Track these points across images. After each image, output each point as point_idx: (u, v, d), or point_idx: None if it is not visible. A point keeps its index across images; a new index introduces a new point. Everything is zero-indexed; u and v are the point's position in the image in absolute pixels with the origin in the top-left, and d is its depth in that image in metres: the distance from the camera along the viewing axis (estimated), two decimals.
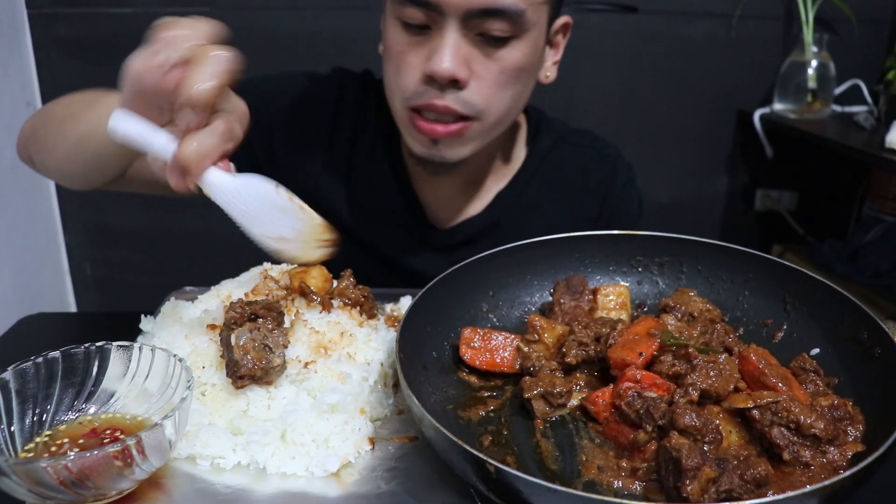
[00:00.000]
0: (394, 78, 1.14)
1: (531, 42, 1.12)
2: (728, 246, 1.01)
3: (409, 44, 1.10)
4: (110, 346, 0.81)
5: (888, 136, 2.01)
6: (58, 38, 2.20)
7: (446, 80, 1.07)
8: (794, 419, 0.73)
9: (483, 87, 1.10)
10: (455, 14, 1.04)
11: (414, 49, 1.09)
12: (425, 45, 1.08)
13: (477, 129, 1.14)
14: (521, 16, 1.06)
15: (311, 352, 0.88)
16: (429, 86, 1.09)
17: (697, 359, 0.82)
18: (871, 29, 2.53)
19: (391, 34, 1.12)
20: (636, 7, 2.42)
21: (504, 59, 1.09)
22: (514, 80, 1.13)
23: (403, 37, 1.10)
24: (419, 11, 1.05)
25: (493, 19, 1.05)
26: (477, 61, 1.08)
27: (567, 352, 0.89)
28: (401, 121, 1.18)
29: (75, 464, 0.64)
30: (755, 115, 2.51)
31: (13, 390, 0.74)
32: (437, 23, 1.06)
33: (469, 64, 1.08)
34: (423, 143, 1.16)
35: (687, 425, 0.74)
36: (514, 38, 1.09)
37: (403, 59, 1.10)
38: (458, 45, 1.06)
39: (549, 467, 0.78)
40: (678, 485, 0.69)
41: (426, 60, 1.08)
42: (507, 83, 1.12)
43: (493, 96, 1.12)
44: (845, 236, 2.60)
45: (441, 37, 1.06)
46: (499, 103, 1.13)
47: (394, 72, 1.13)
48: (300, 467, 0.77)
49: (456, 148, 1.16)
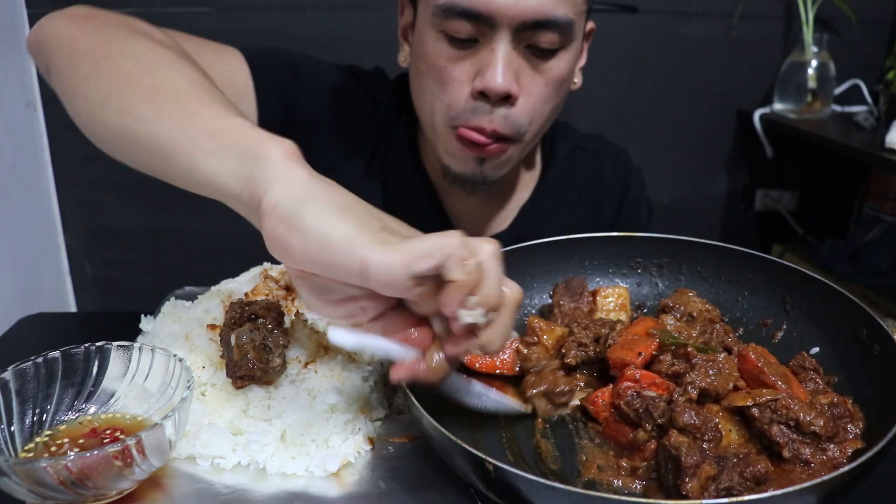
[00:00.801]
0: (436, 94, 1.08)
1: (574, 52, 1.10)
2: (727, 246, 1.01)
3: (454, 58, 1.04)
4: (110, 346, 0.81)
5: (888, 136, 2.01)
6: None
7: (500, 97, 1.03)
8: (794, 417, 0.73)
9: (529, 103, 1.07)
10: (507, 26, 0.99)
11: (459, 63, 1.04)
12: (472, 59, 1.03)
13: (515, 151, 1.12)
14: (570, 26, 1.03)
15: (311, 352, 0.88)
16: (478, 102, 1.04)
17: (696, 358, 0.82)
18: (871, 29, 2.53)
19: (432, 47, 1.05)
20: (636, 7, 2.42)
21: (550, 71, 1.06)
22: (556, 93, 1.10)
23: (448, 50, 1.04)
24: (468, 24, 1.00)
25: (544, 31, 1.01)
26: (525, 75, 1.05)
27: (567, 352, 0.89)
28: (440, 138, 1.13)
29: (75, 464, 0.64)
30: (755, 115, 2.51)
31: (13, 390, 0.74)
32: (485, 35, 1.01)
33: (518, 78, 1.04)
34: (468, 162, 1.11)
35: (686, 424, 0.74)
36: (561, 49, 1.05)
37: (448, 74, 1.05)
38: (510, 58, 1.02)
39: (548, 467, 0.78)
40: (678, 483, 0.69)
41: (475, 76, 1.03)
42: (551, 96, 1.09)
43: (537, 112, 1.09)
44: (845, 236, 2.60)
45: (492, 50, 1.01)
46: (540, 119, 1.11)
47: (435, 87, 1.08)
48: (300, 467, 0.77)
49: (500, 167, 1.13)
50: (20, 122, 2.08)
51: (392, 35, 1.22)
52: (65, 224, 2.44)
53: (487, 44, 1.02)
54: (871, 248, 2.38)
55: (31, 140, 2.19)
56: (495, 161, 1.11)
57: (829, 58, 2.41)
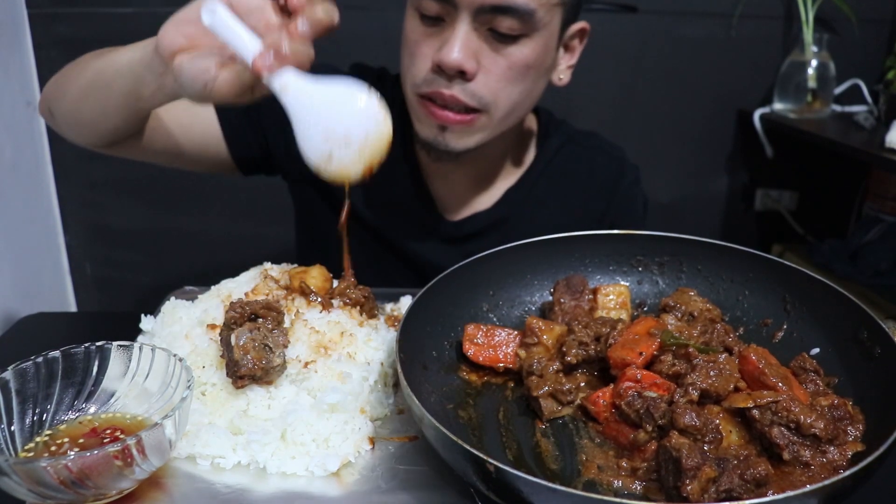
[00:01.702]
0: (407, 66, 1.19)
1: (541, 42, 1.15)
2: (728, 245, 1.01)
3: (423, 34, 1.14)
4: (110, 345, 0.81)
5: (888, 136, 2.00)
6: (58, 37, 2.20)
7: (453, 71, 1.10)
8: (794, 419, 0.73)
9: (491, 81, 1.13)
10: (467, 8, 1.08)
11: (427, 39, 1.14)
12: (438, 37, 1.13)
13: (484, 121, 1.18)
14: (531, 15, 1.09)
15: (311, 352, 0.88)
16: (437, 75, 1.13)
17: (697, 358, 0.82)
18: (871, 28, 2.52)
19: (408, 24, 1.17)
20: (636, 7, 2.42)
21: (512, 55, 1.13)
22: (522, 77, 1.16)
23: (419, 27, 1.14)
24: (435, 4, 1.10)
25: (503, 16, 1.08)
26: (486, 55, 1.12)
27: (567, 351, 0.89)
28: (411, 106, 1.22)
29: (75, 463, 0.64)
30: (755, 114, 2.51)
31: (13, 390, 0.74)
32: (450, 15, 1.10)
33: (478, 57, 1.11)
34: (431, 128, 1.19)
35: (687, 425, 0.74)
36: (523, 36, 1.12)
37: (417, 47, 1.15)
38: (468, 38, 1.10)
39: (549, 467, 0.78)
40: (678, 484, 0.69)
41: (437, 51, 1.12)
42: (516, 79, 1.15)
43: (500, 91, 1.15)
44: (845, 236, 2.60)
45: (453, 29, 1.10)
46: (507, 98, 1.17)
47: (408, 60, 1.18)
48: (300, 467, 0.77)
49: (463, 138, 1.19)
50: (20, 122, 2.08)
51: (392, 35, 1.23)
52: (65, 224, 2.44)
53: (451, 23, 1.11)
54: (871, 247, 2.38)
55: (32, 140, 2.18)
56: (459, 130, 1.18)
57: (829, 57, 2.41)
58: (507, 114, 1.20)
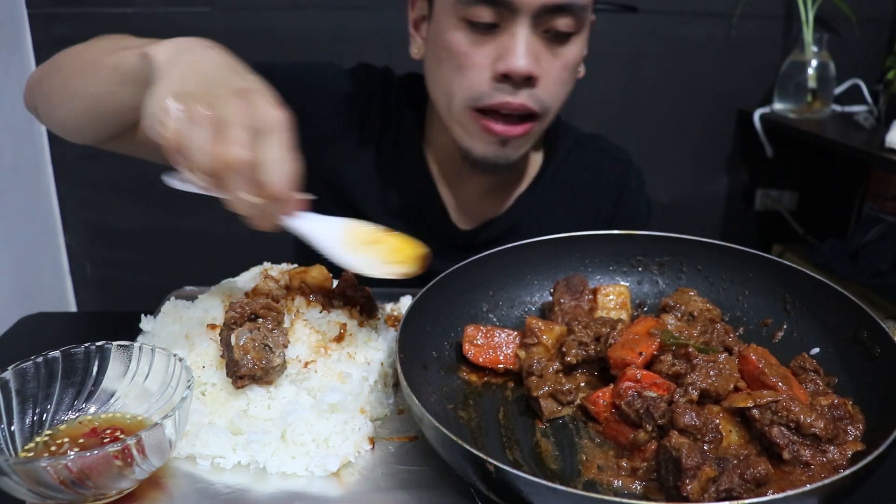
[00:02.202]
0: (456, 79, 1.13)
1: (584, 38, 1.15)
2: (728, 245, 1.01)
3: (474, 43, 1.09)
4: (110, 345, 0.81)
5: (888, 136, 2.01)
6: (58, 37, 2.20)
7: (522, 78, 1.08)
8: (794, 418, 0.73)
9: (550, 85, 1.12)
10: (527, 11, 1.05)
11: (480, 49, 1.09)
12: (492, 44, 1.08)
13: (539, 128, 1.17)
14: (585, 11, 1.09)
15: (311, 351, 0.88)
16: (500, 84, 1.09)
17: (697, 358, 0.82)
18: (871, 28, 2.53)
19: (452, 35, 1.10)
20: (636, 7, 2.42)
21: (566, 55, 1.12)
22: (571, 77, 1.16)
23: (468, 36, 1.09)
24: (489, 10, 1.06)
25: (562, 15, 1.07)
26: (544, 59, 1.10)
27: (567, 351, 0.89)
28: (462, 123, 1.17)
29: (75, 463, 0.64)
30: (755, 114, 2.51)
31: (13, 390, 0.74)
32: (506, 21, 1.06)
33: (539, 62, 1.09)
34: (490, 144, 1.15)
35: (687, 425, 0.74)
36: (574, 34, 1.11)
37: (468, 59, 1.10)
38: (531, 42, 1.07)
39: (549, 467, 0.78)
40: (678, 484, 0.69)
41: (496, 60, 1.08)
42: (567, 80, 1.16)
43: (557, 93, 1.15)
44: (845, 236, 2.60)
45: (513, 35, 1.06)
46: (559, 101, 1.17)
47: (455, 73, 1.12)
48: (300, 467, 0.77)
49: (521, 148, 1.18)
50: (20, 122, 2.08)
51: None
52: (65, 224, 2.44)
53: (508, 29, 1.07)
54: (871, 247, 2.38)
55: (32, 140, 2.19)
56: (519, 141, 1.16)
57: (829, 57, 2.41)
58: (553, 117, 1.19)
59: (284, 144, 0.77)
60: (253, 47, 2.36)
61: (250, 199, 0.76)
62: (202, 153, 0.74)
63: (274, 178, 0.76)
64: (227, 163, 0.74)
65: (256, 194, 0.76)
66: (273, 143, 0.76)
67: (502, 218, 1.36)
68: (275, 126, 0.77)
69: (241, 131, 0.75)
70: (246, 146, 0.74)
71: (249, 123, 0.76)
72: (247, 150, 0.74)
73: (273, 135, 0.77)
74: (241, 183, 0.75)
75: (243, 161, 0.74)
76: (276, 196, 0.76)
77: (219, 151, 0.74)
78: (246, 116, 0.76)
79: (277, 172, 0.76)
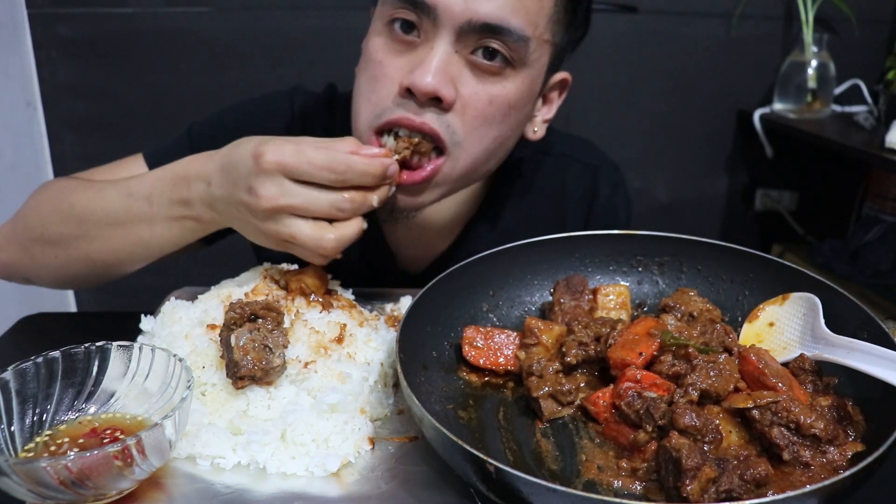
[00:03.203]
0: (364, 91, 1.01)
1: (527, 81, 1.02)
2: (728, 246, 1.01)
3: (392, 52, 0.98)
4: (110, 345, 0.81)
5: (888, 136, 2.01)
6: (58, 37, 2.20)
7: (427, 97, 0.95)
8: (794, 419, 0.73)
9: (468, 116, 0.98)
10: (450, 24, 0.94)
11: (397, 58, 0.98)
12: (409, 57, 0.97)
13: (447, 172, 1.01)
14: (524, 43, 0.97)
15: (311, 352, 0.88)
16: (405, 99, 0.97)
17: (697, 359, 0.82)
18: (871, 29, 2.53)
19: (373, 43, 1.01)
20: (636, 7, 2.43)
21: (497, 90, 0.99)
22: (501, 119, 1.01)
23: (388, 44, 0.99)
24: (412, 13, 0.95)
25: (491, 37, 0.95)
26: (466, 84, 0.97)
27: (567, 351, 0.89)
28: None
29: (75, 463, 0.64)
30: (755, 115, 2.52)
31: (13, 390, 0.74)
32: (428, 32, 0.96)
33: (456, 85, 0.96)
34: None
35: (687, 425, 0.74)
36: (510, 69, 0.99)
37: (382, 69, 0.98)
38: (449, 60, 0.95)
39: (549, 467, 0.78)
40: (678, 485, 0.69)
41: (407, 73, 0.96)
42: (494, 119, 1.00)
43: (475, 130, 1.00)
44: (845, 236, 2.61)
45: (430, 48, 0.95)
46: (478, 141, 1.01)
47: (367, 86, 1.01)
48: (300, 467, 0.77)
49: (416, 196, 1.02)
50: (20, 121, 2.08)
51: None
52: None
53: (427, 41, 0.96)
54: (870, 247, 2.38)
55: (31, 139, 2.19)
56: (423, 187, 1.01)
57: (829, 58, 2.41)
58: (473, 163, 1.03)
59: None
60: (252, 47, 2.36)
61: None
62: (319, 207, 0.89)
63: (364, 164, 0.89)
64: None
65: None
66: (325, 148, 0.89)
67: (450, 250, 1.24)
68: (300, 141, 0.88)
69: (301, 165, 0.87)
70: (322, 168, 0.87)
71: (282, 159, 0.86)
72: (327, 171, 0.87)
73: (308, 144, 0.88)
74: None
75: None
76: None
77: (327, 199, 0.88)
78: (278, 159, 0.87)
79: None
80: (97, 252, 1.03)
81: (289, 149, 0.87)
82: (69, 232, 1.04)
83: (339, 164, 0.87)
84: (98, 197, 1.02)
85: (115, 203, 1.00)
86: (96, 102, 2.26)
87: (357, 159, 0.88)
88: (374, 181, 0.90)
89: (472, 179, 1.09)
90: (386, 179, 0.92)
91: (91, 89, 2.24)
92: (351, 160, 0.88)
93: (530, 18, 0.97)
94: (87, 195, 1.04)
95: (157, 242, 1.01)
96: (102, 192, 1.02)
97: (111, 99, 2.26)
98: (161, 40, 2.19)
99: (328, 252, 0.90)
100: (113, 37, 2.20)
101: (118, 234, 1.01)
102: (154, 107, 2.30)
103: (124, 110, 2.29)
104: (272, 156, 0.86)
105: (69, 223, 1.04)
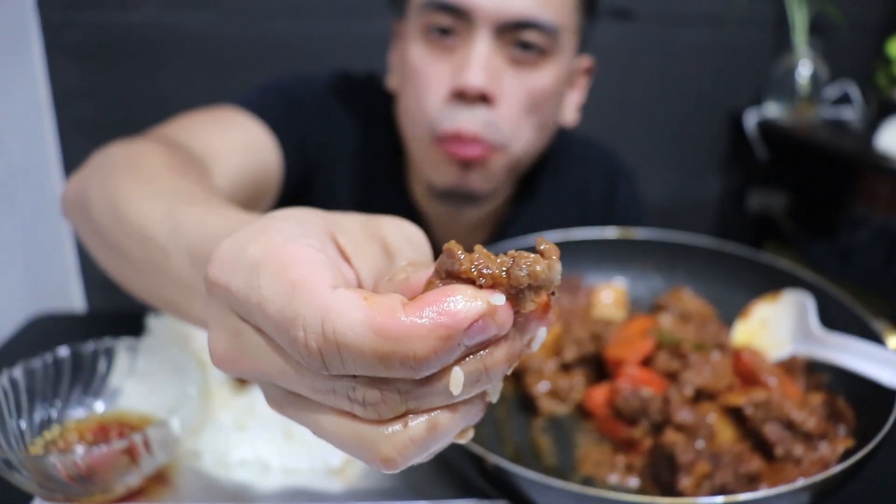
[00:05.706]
0: (415, 102, 1.03)
1: (559, 68, 1.04)
2: (721, 246, 1.02)
3: (432, 59, 1.00)
4: (118, 344, 0.82)
5: (878, 139, 2.03)
6: (68, 43, 2.20)
7: (475, 94, 0.97)
8: (787, 416, 0.75)
9: (512, 111, 1.01)
10: (487, 24, 0.96)
11: (438, 64, 1.00)
12: (450, 60, 1.00)
13: (500, 160, 1.04)
14: (555, 33, 0.99)
15: None
16: (455, 104, 0.99)
17: (692, 357, 0.83)
18: (862, 33, 2.55)
19: (413, 52, 1.02)
20: (630, 12, 2.44)
21: (532, 81, 1.02)
22: (539, 108, 1.04)
23: (428, 51, 1.01)
24: (448, 18, 0.97)
25: (527, 31, 0.98)
26: (507, 80, 1.00)
27: (564, 349, 0.91)
28: (424, 151, 1.06)
29: (83, 459, 0.66)
30: (747, 118, 2.53)
31: (23, 387, 0.76)
32: (466, 34, 0.98)
33: (499, 81, 0.99)
34: (452, 170, 1.04)
35: (681, 422, 0.76)
36: (544, 60, 1.02)
37: (426, 76, 1.01)
38: (490, 57, 0.98)
39: (546, 463, 0.79)
40: (673, 480, 0.70)
41: (452, 76, 0.98)
42: (534, 109, 1.04)
43: (518, 125, 1.03)
44: (837, 237, 2.63)
45: (470, 48, 0.97)
46: (522, 133, 1.04)
47: (415, 96, 1.03)
48: (304, 463, 0.79)
49: (485, 178, 1.06)
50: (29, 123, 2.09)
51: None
52: None
53: (466, 42, 0.98)
54: (862, 248, 2.41)
55: (41, 143, 2.19)
56: (481, 171, 1.04)
57: (821, 61, 2.43)
58: (522, 152, 1.07)
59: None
60: (262, 55, 2.36)
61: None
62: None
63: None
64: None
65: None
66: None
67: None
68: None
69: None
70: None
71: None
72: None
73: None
74: None
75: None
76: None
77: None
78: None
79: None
80: (119, 257, 0.76)
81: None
82: (105, 223, 0.76)
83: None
84: (143, 202, 0.71)
85: (151, 222, 0.68)
86: (105, 106, 2.26)
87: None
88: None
89: (522, 165, 1.12)
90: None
91: (100, 94, 2.24)
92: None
93: (558, 9, 1.01)
94: (137, 191, 0.73)
95: (167, 295, 0.69)
96: (152, 199, 0.71)
97: (119, 103, 2.26)
98: (169, 46, 2.19)
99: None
100: (122, 43, 2.20)
101: (138, 256, 0.71)
102: (161, 111, 2.30)
103: (132, 114, 2.28)
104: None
105: (107, 215, 0.76)
